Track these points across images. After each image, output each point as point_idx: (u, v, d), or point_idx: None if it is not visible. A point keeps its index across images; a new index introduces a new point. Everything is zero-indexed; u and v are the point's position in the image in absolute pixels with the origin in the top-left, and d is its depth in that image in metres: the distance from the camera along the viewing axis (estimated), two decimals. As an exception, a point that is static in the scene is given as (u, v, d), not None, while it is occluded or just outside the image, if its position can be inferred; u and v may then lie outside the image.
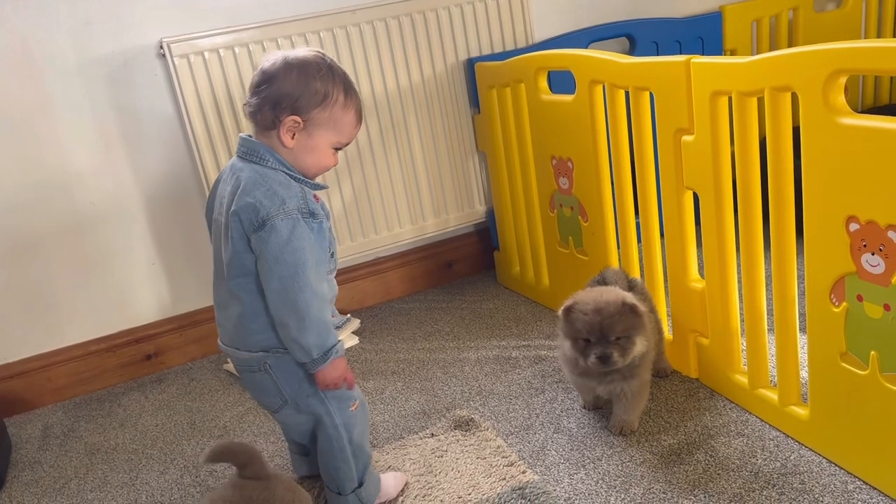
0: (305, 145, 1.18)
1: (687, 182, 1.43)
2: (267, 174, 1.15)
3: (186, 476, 1.53)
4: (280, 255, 1.11)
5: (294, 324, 1.13)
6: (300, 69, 1.15)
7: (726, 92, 1.29)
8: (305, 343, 1.14)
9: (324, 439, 1.25)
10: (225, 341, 1.24)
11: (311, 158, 1.19)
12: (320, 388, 1.21)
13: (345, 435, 1.24)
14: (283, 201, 1.12)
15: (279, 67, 1.15)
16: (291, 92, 1.14)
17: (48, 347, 1.93)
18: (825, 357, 1.22)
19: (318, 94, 1.15)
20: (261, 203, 1.12)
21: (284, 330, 1.14)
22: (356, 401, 1.27)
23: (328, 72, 1.17)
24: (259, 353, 1.19)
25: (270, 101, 1.15)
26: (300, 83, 1.14)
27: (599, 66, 1.57)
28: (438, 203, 2.17)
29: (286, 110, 1.15)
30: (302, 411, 1.24)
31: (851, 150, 1.07)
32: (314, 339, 1.14)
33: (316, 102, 1.15)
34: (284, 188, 1.14)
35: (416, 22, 2.01)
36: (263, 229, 1.11)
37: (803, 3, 2.39)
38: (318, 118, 1.16)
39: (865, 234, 1.09)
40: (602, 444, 1.42)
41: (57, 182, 1.84)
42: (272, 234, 1.11)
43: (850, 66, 1.06)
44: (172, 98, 1.88)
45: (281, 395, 1.22)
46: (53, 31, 1.76)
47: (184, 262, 2.01)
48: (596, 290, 1.38)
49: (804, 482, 1.23)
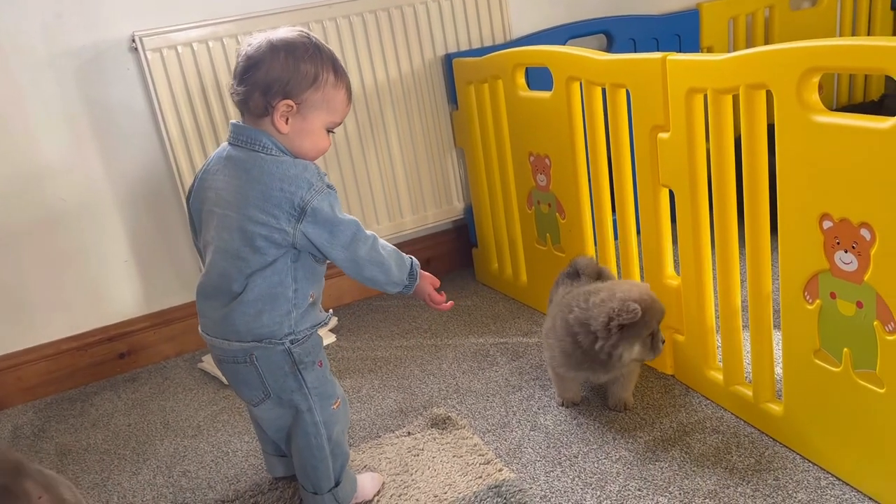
0: (301, 129, 1.15)
1: (663, 179, 1.43)
2: (277, 161, 1.13)
3: (159, 476, 1.51)
4: (334, 228, 1.13)
5: (381, 274, 1.18)
6: (287, 51, 1.12)
7: (702, 89, 1.29)
8: (398, 279, 1.20)
9: (301, 436, 1.23)
10: (209, 331, 1.20)
11: (308, 142, 1.16)
12: (427, 303, 1.27)
13: (324, 432, 1.23)
14: (310, 182, 1.12)
15: (265, 51, 1.12)
16: (281, 76, 1.11)
17: (18, 346, 1.89)
18: (799, 354, 1.22)
19: (309, 75, 1.12)
20: (292, 192, 1.10)
21: (373, 283, 1.19)
22: (338, 398, 1.26)
23: (316, 51, 1.14)
24: (249, 342, 1.16)
25: (260, 86, 1.12)
26: (289, 65, 1.11)
27: (576, 62, 1.56)
28: (416, 200, 2.16)
29: (278, 95, 1.12)
30: (283, 406, 1.22)
31: (825, 147, 1.08)
32: (399, 272, 1.20)
33: (307, 84, 1.13)
34: (301, 168, 1.13)
35: (394, 17, 1.99)
36: (306, 215, 1.11)
37: (779, 2, 2.41)
38: (310, 100, 1.14)
39: (839, 232, 1.09)
40: (578, 441, 1.42)
41: (27, 177, 1.80)
42: (317, 215, 1.11)
43: (824, 64, 1.07)
44: (145, 93, 1.85)
45: (263, 389, 1.20)
46: (23, 22, 1.73)
47: (157, 259, 1.98)
48: (622, 285, 1.38)
49: (778, 479, 1.24)
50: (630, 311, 1.30)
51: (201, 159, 1.86)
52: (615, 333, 1.33)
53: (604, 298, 1.35)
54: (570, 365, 1.41)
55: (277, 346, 1.16)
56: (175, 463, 1.55)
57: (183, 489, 1.46)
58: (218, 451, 1.57)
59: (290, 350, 1.17)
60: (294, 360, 1.18)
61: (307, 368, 1.19)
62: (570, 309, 1.39)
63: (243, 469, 1.50)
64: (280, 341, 1.16)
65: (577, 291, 1.43)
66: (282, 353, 1.17)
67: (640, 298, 1.33)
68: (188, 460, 1.55)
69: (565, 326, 1.39)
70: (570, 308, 1.39)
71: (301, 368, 1.19)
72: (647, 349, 1.37)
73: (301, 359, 1.18)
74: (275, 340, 1.16)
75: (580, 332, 1.36)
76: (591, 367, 1.39)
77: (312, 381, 1.21)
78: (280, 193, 1.10)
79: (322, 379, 1.22)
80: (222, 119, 1.86)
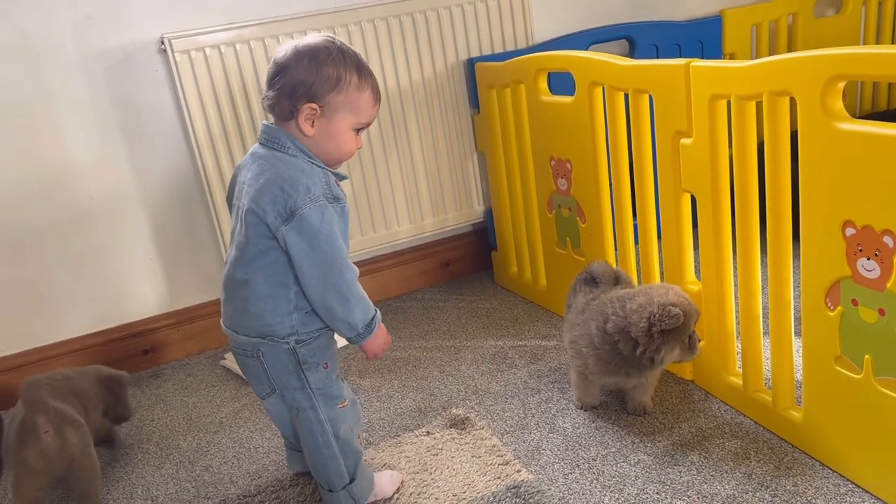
0: (326, 131, 1.18)
1: (685, 185, 1.43)
2: (288, 162, 1.16)
3: (182, 471, 1.54)
4: (314, 242, 1.12)
5: (339, 306, 1.16)
6: (311, 56, 1.15)
7: (725, 95, 1.29)
8: (352, 321, 1.17)
9: (307, 434, 1.25)
10: (225, 323, 1.25)
11: (332, 144, 1.19)
12: (369, 358, 1.24)
13: (330, 430, 1.24)
14: (308, 189, 1.13)
15: (290, 56, 1.16)
16: (304, 79, 1.14)
17: (45, 341, 1.93)
18: (820, 360, 1.22)
19: (331, 78, 1.15)
20: (287, 194, 1.12)
21: (330, 313, 1.17)
22: (345, 399, 1.27)
23: (339, 55, 1.16)
24: (255, 338, 1.19)
25: (286, 91, 1.15)
26: (312, 70, 1.14)
27: (599, 67, 1.57)
28: (437, 202, 2.17)
29: (302, 98, 1.15)
30: (286, 403, 1.25)
31: (849, 155, 1.08)
32: (359, 314, 1.17)
33: (330, 87, 1.15)
34: (307, 175, 1.15)
35: (417, 21, 2.01)
36: (293, 220, 1.12)
37: (803, 9, 2.40)
38: (334, 102, 1.16)
39: (861, 239, 1.09)
40: (597, 444, 1.43)
41: (56, 176, 1.84)
42: (303, 224, 1.11)
43: (849, 71, 1.07)
44: (173, 94, 1.88)
45: (269, 384, 1.23)
46: (54, 24, 1.76)
47: (181, 258, 2.01)
48: (657, 289, 1.38)
49: (797, 485, 1.24)
50: (672, 315, 1.31)
51: (227, 160, 1.89)
52: (657, 338, 1.34)
53: (642, 304, 1.35)
54: (607, 372, 1.42)
55: (282, 345, 1.19)
56: (197, 458, 1.57)
57: (205, 483, 1.48)
58: (240, 446, 1.59)
59: (295, 350, 1.19)
60: (298, 360, 1.20)
61: (311, 369, 1.21)
62: (606, 317, 1.39)
63: (265, 465, 1.52)
64: (284, 340, 1.18)
65: (607, 298, 1.43)
66: (286, 352, 1.19)
67: (678, 302, 1.34)
68: (210, 455, 1.58)
69: (602, 335, 1.39)
70: (606, 316, 1.39)
71: (304, 368, 1.21)
72: (687, 350, 1.39)
73: (305, 359, 1.20)
74: (277, 339, 1.18)
75: (620, 339, 1.36)
76: (627, 372, 1.40)
77: (315, 381, 1.22)
78: (278, 192, 1.13)
79: (326, 381, 1.23)
80: (248, 120, 1.89)
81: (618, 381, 1.45)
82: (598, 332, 1.40)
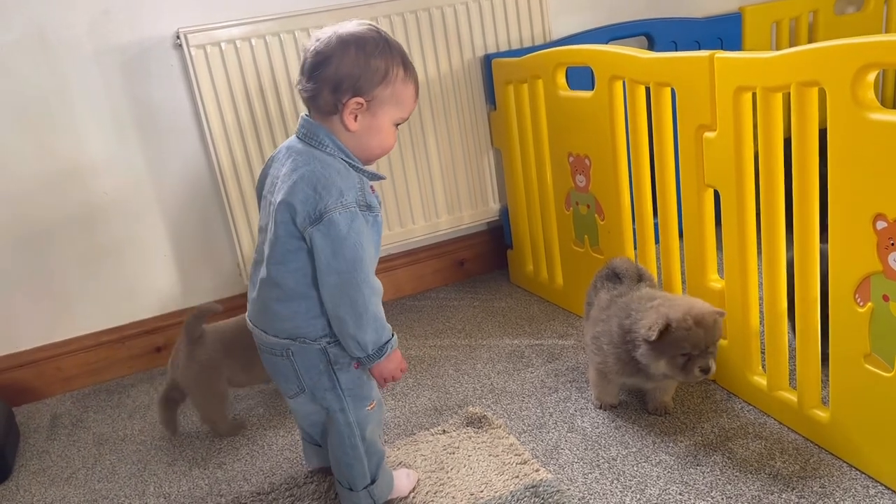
0: (370, 126, 1.12)
1: (708, 180, 1.40)
2: (326, 161, 1.11)
3: (195, 468, 1.52)
4: (339, 249, 1.07)
5: (351, 320, 1.10)
6: (357, 46, 1.08)
7: (751, 87, 1.27)
8: (362, 340, 1.11)
9: (335, 434, 1.22)
10: (252, 319, 1.21)
11: (376, 140, 1.14)
12: (378, 381, 1.18)
13: (357, 432, 1.21)
14: (342, 193, 1.08)
15: (334, 46, 1.09)
16: (351, 72, 1.08)
17: (59, 337, 1.92)
18: (848, 358, 1.19)
19: (379, 71, 1.09)
20: (319, 195, 1.07)
21: (340, 325, 1.11)
22: (373, 401, 1.23)
23: (385, 46, 1.10)
24: (285, 339, 1.16)
25: (330, 83, 1.09)
26: (359, 61, 1.08)
27: (620, 61, 1.55)
28: (452, 200, 2.15)
29: (348, 92, 1.09)
30: (317, 402, 1.22)
31: (881, 146, 1.05)
32: (371, 335, 1.11)
33: (377, 80, 1.09)
34: (343, 178, 1.09)
35: (434, 17, 2.00)
36: (321, 222, 1.07)
37: (823, 6, 2.37)
38: (381, 96, 1.11)
39: (893, 233, 1.06)
40: (617, 444, 1.40)
41: (71, 171, 1.83)
42: (330, 228, 1.07)
43: (881, 59, 1.04)
44: (188, 89, 1.87)
45: (299, 384, 1.20)
46: (70, 18, 1.76)
47: (195, 255, 2.00)
48: (680, 301, 1.35)
49: (824, 486, 1.21)
50: (651, 329, 1.28)
51: (242, 156, 1.87)
52: (644, 345, 1.31)
53: (653, 307, 1.33)
54: (625, 371, 1.39)
55: (313, 345, 1.16)
56: (210, 455, 1.56)
57: (218, 481, 1.47)
58: (253, 444, 1.58)
59: (327, 349, 1.16)
60: (329, 360, 1.17)
61: (342, 369, 1.18)
62: (629, 314, 1.37)
63: (278, 462, 1.50)
64: (315, 342, 1.16)
65: (632, 297, 1.41)
66: (318, 352, 1.16)
67: (679, 318, 1.29)
68: (223, 453, 1.56)
69: (621, 333, 1.37)
70: (629, 314, 1.37)
71: (336, 368, 1.18)
72: (677, 369, 1.32)
73: (336, 359, 1.17)
74: (308, 340, 1.15)
75: (629, 339, 1.35)
76: (642, 374, 1.37)
77: (346, 381, 1.19)
78: (311, 192, 1.08)
79: (357, 381, 1.20)
80: (263, 116, 1.88)
81: (636, 381, 1.43)
82: (619, 331, 1.38)
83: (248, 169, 1.89)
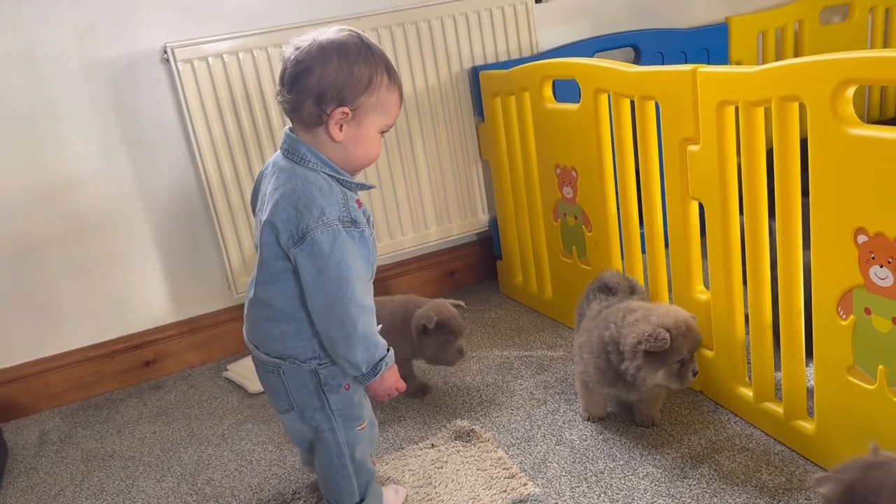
0: (356, 135, 1.10)
1: (692, 192, 1.41)
2: (307, 178, 1.08)
3: (183, 484, 1.52)
4: (323, 269, 1.05)
5: (341, 340, 1.09)
6: (340, 54, 1.05)
7: (733, 101, 1.28)
8: (354, 360, 1.10)
9: (324, 454, 1.21)
10: (247, 334, 1.21)
11: (362, 149, 1.12)
12: (374, 398, 1.18)
13: (347, 452, 1.20)
14: (323, 211, 1.05)
15: (315, 54, 1.05)
16: (335, 81, 1.04)
17: (46, 352, 1.91)
18: (832, 371, 1.20)
19: (363, 79, 1.06)
20: (300, 214, 1.05)
21: (332, 346, 1.10)
22: (364, 421, 1.22)
23: (368, 52, 1.07)
24: (276, 358, 1.16)
25: (313, 94, 1.05)
26: (342, 70, 1.05)
27: (605, 74, 1.56)
28: (441, 211, 2.16)
29: (332, 102, 1.05)
30: (306, 422, 1.21)
31: (860, 160, 1.06)
32: (362, 354, 1.10)
33: (362, 89, 1.06)
34: (324, 195, 1.07)
35: (421, 29, 2.00)
36: (304, 243, 1.05)
37: (809, 16, 2.39)
38: (366, 104, 1.07)
39: (874, 246, 1.07)
40: (605, 457, 1.40)
41: (59, 185, 1.83)
42: (313, 248, 1.05)
43: (860, 75, 1.05)
44: (176, 103, 1.87)
45: (289, 401, 1.19)
46: (57, 33, 1.76)
47: (184, 268, 2.00)
48: (662, 309, 1.35)
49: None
50: (660, 339, 1.28)
51: (230, 170, 1.87)
52: (640, 357, 1.31)
53: (638, 318, 1.33)
54: (604, 382, 1.40)
55: (303, 366, 1.15)
56: (199, 471, 1.55)
57: (206, 497, 1.46)
58: (242, 459, 1.57)
59: (317, 371, 1.15)
60: (319, 381, 1.16)
61: (332, 390, 1.17)
62: (608, 325, 1.37)
63: (267, 478, 1.49)
64: (305, 363, 1.15)
65: (616, 308, 1.41)
66: (308, 373, 1.16)
67: (674, 325, 1.30)
68: (212, 468, 1.56)
69: (601, 343, 1.38)
70: (608, 324, 1.37)
71: (326, 390, 1.17)
72: (674, 377, 1.33)
73: (327, 380, 1.16)
74: (298, 361, 1.15)
75: (612, 350, 1.35)
76: (624, 385, 1.37)
77: (336, 402, 1.18)
78: (293, 211, 1.06)
79: (348, 402, 1.19)
80: (251, 130, 1.88)
81: (617, 392, 1.43)
82: (598, 340, 1.39)
83: (235, 182, 1.89)
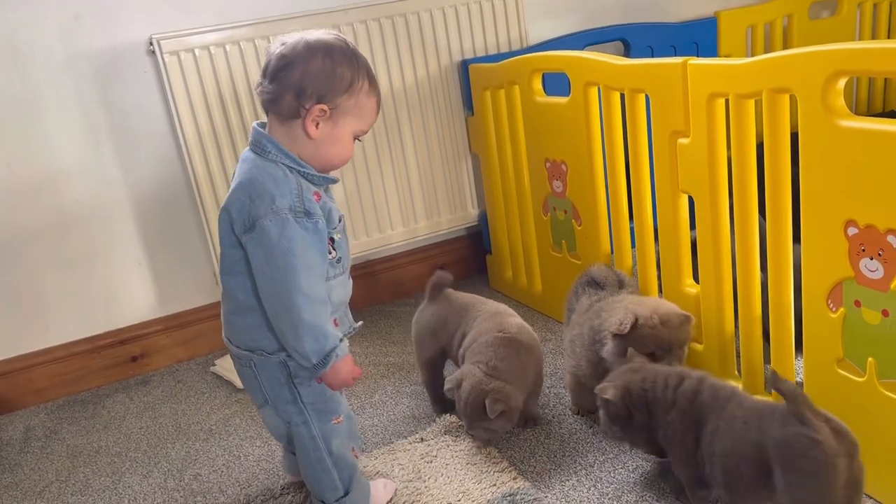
0: (330, 135, 1.11)
1: (682, 185, 1.41)
2: (265, 168, 1.09)
3: (170, 480, 1.50)
4: (270, 257, 1.06)
5: (290, 330, 1.09)
6: (325, 53, 1.07)
7: (723, 94, 1.27)
8: (303, 350, 1.09)
9: (300, 448, 1.21)
10: (223, 331, 1.21)
11: (335, 149, 1.13)
12: (331, 388, 1.17)
13: (323, 446, 1.20)
14: (273, 200, 1.06)
15: (301, 51, 1.07)
16: (317, 78, 1.07)
17: (31, 348, 1.89)
18: (822, 363, 1.20)
19: (345, 80, 1.08)
20: (252, 202, 1.07)
21: (283, 336, 1.10)
22: (340, 415, 1.21)
23: (352, 56, 1.10)
24: (246, 351, 1.16)
25: (294, 88, 1.07)
26: (325, 68, 1.07)
27: (595, 67, 1.55)
28: (430, 206, 2.15)
29: (311, 98, 1.07)
30: (279, 416, 1.20)
31: (851, 152, 1.06)
32: (311, 344, 1.09)
33: (342, 89, 1.08)
34: (278, 185, 1.08)
35: (410, 22, 1.99)
36: (254, 231, 1.07)
37: (798, 10, 2.39)
38: (344, 106, 1.09)
39: (864, 239, 1.07)
40: (594, 450, 1.40)
41: (43, 178, 1.81)
42: (262, 236, 1.06)
43: (850, 67, 1.05)
44: (162, 96, 1.85)
45: (263, 394, 1.19)
46: (41, 24, 1.73)
47: (171, 263, 1.98)
48: (649, 302, 1.35)
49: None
50: (623, 323, 1.28)
51: (217, 162, 1.86)
52: (611, 341, 1.31)
53: (622, 306, 1.34)
54: (596, 375, 1.39)
55: (272, 358, 1.15)
56: (186, 466, 1.54)
57: (194, 493, 1.45)
58: (229, 454, 1.56)
59: (286, 362, 1.15)
60: (290, 373, 1.16)
61: (302, 383, 1.17)
62: (599, 316, 1.38)
63: (254, 473, 1.48)
64: (273, 354, 1.15)
65: (608, 300, 1.41)
66: (278, 365, 1.15)
67: (647, 315, 1.29)
68: (199, 464, 1.54)
69: (592, 335, 1.38)
70: (599, 315, 1.38)
71: (296, 382, 1.16)
72: None
73: (296, 372, 1.16)
74: (266, 353, 1.15)
75: (598, 339, 1.35)
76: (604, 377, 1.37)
77: (308, 395, 1.17)
78: (246, 199, 1.07)
79: (320, 395, 1.18)
80: (238, 122, 1.86)
81: None
82: (590, 333, 1.38)
83: (222, 175, 1.87)
